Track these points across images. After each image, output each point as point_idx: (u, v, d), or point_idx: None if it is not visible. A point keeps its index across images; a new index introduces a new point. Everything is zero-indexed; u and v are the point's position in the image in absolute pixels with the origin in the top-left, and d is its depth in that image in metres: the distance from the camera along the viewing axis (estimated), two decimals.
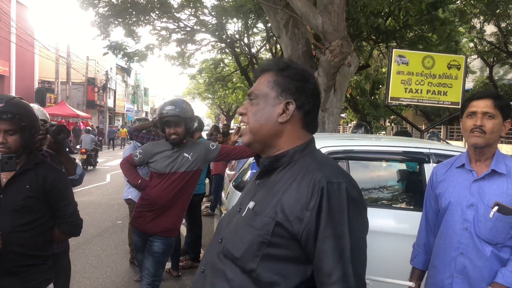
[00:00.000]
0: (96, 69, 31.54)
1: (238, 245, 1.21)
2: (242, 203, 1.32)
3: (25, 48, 21.37)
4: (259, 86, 1.32)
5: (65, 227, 2.17)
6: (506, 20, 14.92)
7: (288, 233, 1.16)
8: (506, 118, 1.93)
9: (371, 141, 3.58)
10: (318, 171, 1.19)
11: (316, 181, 1.16)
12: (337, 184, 1.16)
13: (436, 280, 2.02)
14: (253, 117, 1.29)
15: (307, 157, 1.27)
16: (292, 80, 1.28)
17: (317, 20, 5.49)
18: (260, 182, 1.32)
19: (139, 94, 51.11)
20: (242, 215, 1.27)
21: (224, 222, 1.37)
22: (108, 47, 12.15)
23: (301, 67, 1.34)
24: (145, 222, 3.16)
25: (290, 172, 1.24)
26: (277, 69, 1.31)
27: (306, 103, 1.28)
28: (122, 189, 5.28)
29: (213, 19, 12.58)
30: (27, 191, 2.01)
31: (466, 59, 6.26)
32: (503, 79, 20.91)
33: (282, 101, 1.27)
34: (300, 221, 1.15)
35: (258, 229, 1.19)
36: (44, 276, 2.10)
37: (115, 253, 5.64)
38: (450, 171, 2.06)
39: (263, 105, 1.29)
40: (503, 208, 1.84)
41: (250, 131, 1.29)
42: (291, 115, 1.27)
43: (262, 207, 1.22)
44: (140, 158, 3.25)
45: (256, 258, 1.17)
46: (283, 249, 1.17)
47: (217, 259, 1.26)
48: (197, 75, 20.24)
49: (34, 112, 2.14)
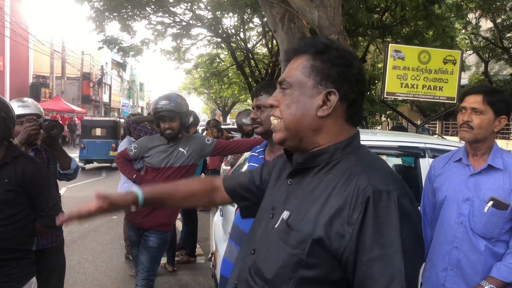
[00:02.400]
0: (91, 64, 31.35)
1: (270, 264, 1.04)
2: (275, 207, 1.13)
3: (20, 42, 21.20)
4: (292, 72, 1.10)
5: (46, 221, 2.14)
6: (502, 15, 14.94)
7: (327, 251, 0.97)
8: (500, 114, 1.91)
9: (366, 136, 3.58)
10: (363, 176, 0.99)
11: (361, 189, 0.97)
12: (386, 193, 0.96)
13: (431, 273, 2.03)
14: (287, 110, 1.08)
15: (351, 157, 1.06)
16: (334, 65, 1.06)
17: (313, 14, 5.47)
18: (293, 181, 1.13)
19: (135, 89, 50.94)
20: (275, 226, 1.07)
21: (256, 225, 1.19)
22: (103, 42, 12.06)
23: (344, 48, 1.11)
24: (140, 217, 3.15)
25: (330, 175, 1.05)
26: (314, 51, 1.09)
27: (351, 92, 1.07)
28: (117, 184, 5.25)
29: (209, 13, 12.50)
30: (6, 184, 1.99)
31: (462, 54, 6.26)
32: (498, 75, 20.97)
33: (321, 90, 1.06)
34: (341, 237, 0.96)
35: (292, 246, 1.00)
36: (26, 270, 2.09)
37: (110, 248, 5.63)
38: (448, 165, 2.06)
39: (299, 96, 1.08)
40: (498, 203, 1.85)
41: (284, 127, 1.09)
42: (333, 108, 1.06)
43: (297, 219, 1.03)
44: (135, 152, 3.24)
45: (290, 281, 0.99)
46: (321, 270, 0.98)
47: (248, 276, 1.09)
48: (192, 70, 20.16)
49: (7, 103, 2.12)
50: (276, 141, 1.13)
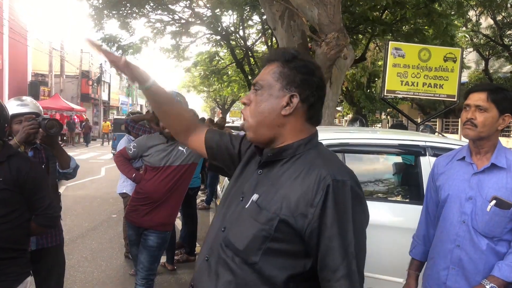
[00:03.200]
0: (90, 62, 31.29)
1: (242, 238, 1.23)
2: (245, 191, 1.31)
3: (18, 41, 21.15)
4: (264, 76, 1.31)
5: (41, 220, 2.16)
6: (502, 12, 14.92)
7: (291, 228, 1.18)
8: (504, 112, 1.89)
9: (367, 134, 3.57)
10: (323, 167, 1.20)
11: (322, 177, 1.17)
12: (342, 182, 1.17)
13: (432, 272, 2.03)
14: (256, 108, 1.29)
15: (311, 151, 1.27)
16: (298, 73, 1.27)
17: (313, 12, 5.45)
18: (262, 172, 1.31)
19: (134, 87, 50.83)
20: (245, 207, 1.27)
21: (225, 208, 1.36)
22: (102, 40, 12.02)
23: (308, 59, 1.33)
24: (139, 216, 3.14)
25: (294, 166, 1.25)
26: (283, 60, 1.30)
27: (311, 96, 1.28)
28: (117, 183, 5.23)
29: (208, 11, 12.47)
30: (1, 183, 1.99)
31: (462, 52, 6.24)
32: (498, 72, 20.96)
33: (286, 93, 1.27)
34: (304, 217, 1.16)
35: (262, 223, 1.20)
36: (22, 270, 2.09)
37: (110, 247, 5.61)
38: (451, 163, 2.05)
39: (268, 96, 1.28)
40: (501, 202, 1.83)
41: (252, 126, 1.30)
42: (294, 108, 1.26)
43: (266, 201, 1.23)
44: (134, 151, 3.22)
45: (259, 252, 1.19)
46: (285, 243, 1.19)
47: (220, 249, 1.27)
48: (192, 68, 20.08)
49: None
50: (249, 140, 1.34)
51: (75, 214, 7.34)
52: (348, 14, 8.25)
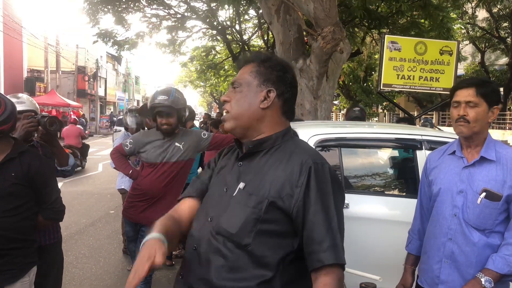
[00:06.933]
0: (86, 58, 31.11)
1: (234, 222, 1.31)
2: (228, 183, 1.40)
3: (13, 36, 21.00)
4: (242, 75, 1.43)
5: (48, 213, 2.28)
6: (498, 4, 14.91)
7: (280, 209, 1.29)
8: (492, 104, 1.92)
9: (363, 129, 3.57)
10: (304, 154, 1.35)
11: (304, 161, 1.31)
12: (321, 164, 1.33)
13: (426, 265, 2.05)
14: (236, 104, 1.40)
15: (289, 143, 1.41)
16: (273, 70, 1.41)
17: (309, 6, 5.43)
18: (242, 164, 1.41)
19: (130, 82, 50.63)
20: (233, 195, 1.36)
21: (208, 201, 1.43)
22: (98, 35, 11.93)
23: (281, 59, 1.48)
24: (137, 212, 3.14)
25: (274, 156, 1.37)
26: (259, 60, 1.43)
27: (286, 92, 1.41)
28: (114, 178, 5.24)
29: (204, 5, 12.41)
30: (12, 178, 2.11)
31: (458, 45, 6.24)
32: (494, 65, 20.99)
33: (263, 89, 1.39)
34: (290, 197, 1.29)
35: (252, 207, 1.30)
36: (29, 259, 2.21)
37: (108, 243, 5.63)
38: (443, 157, 2.07)
39: (246, 93, 1.40)
40: (491, 194, 1.86)
41: (233, 117, 1.40)
42: (272, 102, 1.39)
43: (253, 187, 1.33)
44: (131, 148, 3.21)
45: (251, 234, 1.28)
46: (274, 224, 1.30)
47: (210, 237, 1.33)
48: (188, 62, 20.00)
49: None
50: (226, 129, 1.42)
51: (72, 210, 7.34)
52: (344, 7, 8.22)
